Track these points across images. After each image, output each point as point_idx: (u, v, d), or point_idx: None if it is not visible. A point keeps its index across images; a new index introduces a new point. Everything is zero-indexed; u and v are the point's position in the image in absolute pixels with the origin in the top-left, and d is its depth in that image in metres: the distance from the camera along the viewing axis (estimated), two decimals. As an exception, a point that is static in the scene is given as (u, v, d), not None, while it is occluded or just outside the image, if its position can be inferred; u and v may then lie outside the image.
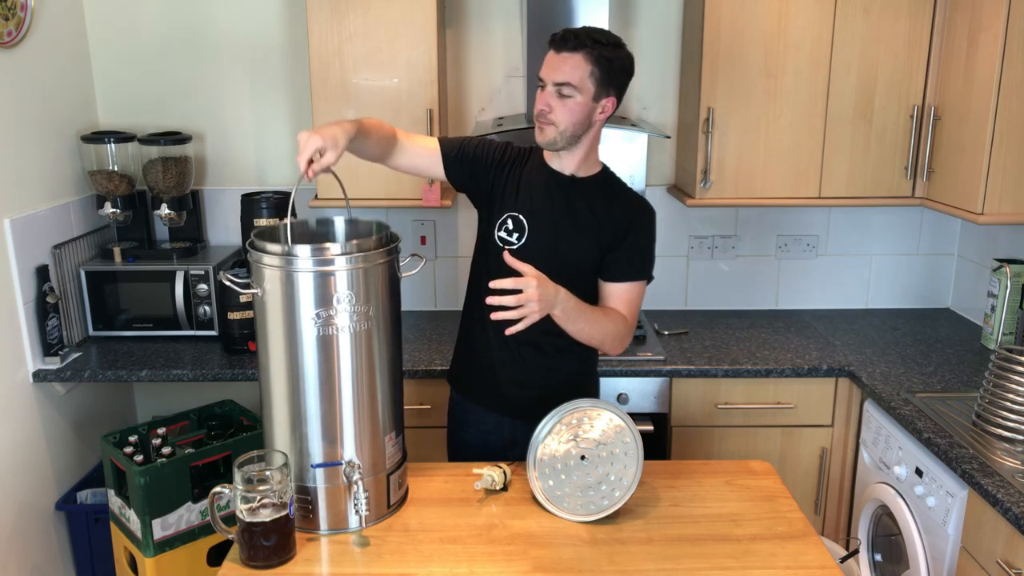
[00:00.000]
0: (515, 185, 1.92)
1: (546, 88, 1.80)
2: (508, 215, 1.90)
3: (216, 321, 2.70)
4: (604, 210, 1.89)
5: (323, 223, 1.80)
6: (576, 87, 1.77)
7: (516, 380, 1.97)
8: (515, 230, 1.89)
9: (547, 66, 1.80)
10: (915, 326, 2.91)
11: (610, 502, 1.65)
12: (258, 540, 1.50)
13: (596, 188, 1.92)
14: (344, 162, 2.62)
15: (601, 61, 1.77)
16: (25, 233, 2.40)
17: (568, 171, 1.90)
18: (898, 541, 2.21)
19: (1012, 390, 2.00)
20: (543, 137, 1.83)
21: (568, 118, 1.79)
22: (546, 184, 1.90)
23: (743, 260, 3.07)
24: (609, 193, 1.92)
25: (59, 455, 2.56)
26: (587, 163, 1.91)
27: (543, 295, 1.67)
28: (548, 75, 1.79)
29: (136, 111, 2.88)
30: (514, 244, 1.89)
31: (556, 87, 1.78)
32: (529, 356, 1.95)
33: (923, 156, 2.63)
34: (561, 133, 1.81)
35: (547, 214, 1.88)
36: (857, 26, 2.55)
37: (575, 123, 1.80)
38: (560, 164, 1.91)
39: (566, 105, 1.78)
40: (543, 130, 1.82)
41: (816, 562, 1.53)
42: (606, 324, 1.84)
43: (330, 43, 2.53)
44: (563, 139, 1.82)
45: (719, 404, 2.55)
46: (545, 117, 1.80)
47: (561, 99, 1.78)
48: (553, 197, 1.89)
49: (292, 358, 1.57)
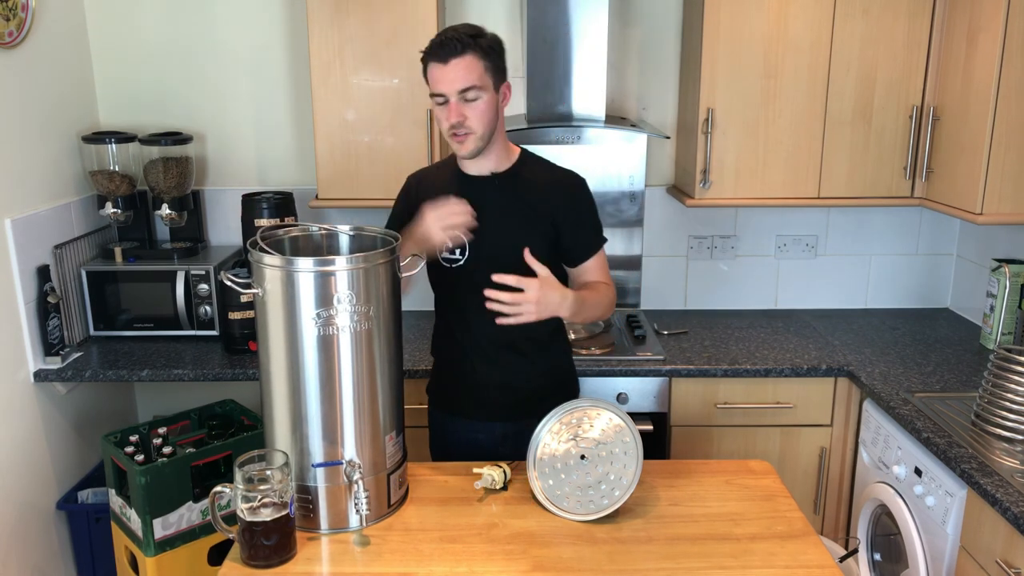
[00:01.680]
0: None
1: (450, 101, 1.76)
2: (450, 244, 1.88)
3: (217, 321, 2.70)
4: (535, 195, 1.89)
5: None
6: (480, 87, 1.76)
7: (499, 384, 1.98)
8: (455, 247, 1.89)
9: (440, 80, 1.76)
10: (914, 326, 2.92)
11: (610, 501, 1.66)
12: (259, 539, 1.50)
13: (520, 176, 1.91)
14: (344, 161, 2.64)
15: (488, 53, 1.78)
16: (26, 233, 2.40)
17: (488, 170, 1.90)
18: (897, 540, 2.21)
19: (1011, 390, 2.00)
20: (465, 149, 1.81)
21: (483, 119, 1.79)
22: (469, 193, 1.87)
23: (742, 260, 3.07)
24: (534, 177, 1.92)
25: (60, 455, 2.56)
26: (504, 154, 1.91)
27: (543, 299, 1.68)
28: (448, 87, 1.75)
29: (137, 111, 2.89)
30: (459, 260, 1.90)
31: (461, 94, 1.75)
32: (508, 358, 1.96)
33: (922, 156, 2.63)
34: (481, 137, 1.80)
35: (484, 223, 1.86)
36: (856, 27, 2.56)
37: (489, 121, 1.80)
38: (479, 167, 1.90)
39: (477, 108, 1.77)
40: (463, 142, 1.80)
41: (815, 561, 1.53)
42: (601, 300, 1.89)
43: (331, 43, 2.53)
44: (483, 142, 1.82)
45: (718, 404, 2.56)
46: (462, 128, 1.78)
47: (470, 104, 1.77)
48: (481, 203, 1.86)
49: (293, 358, 1.57)
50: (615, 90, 2.90)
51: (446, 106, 1.78)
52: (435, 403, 2.12)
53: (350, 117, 2.59)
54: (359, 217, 2.88)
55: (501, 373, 1.97)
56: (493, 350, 1.96)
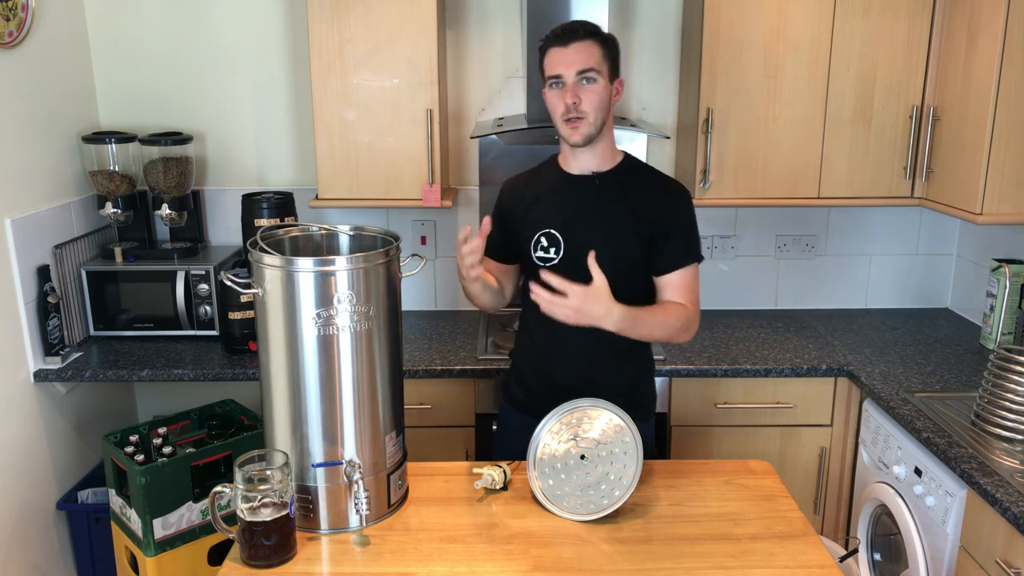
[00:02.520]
0: (536, 203, 1.91)
1: (567, 83, 1.77)
2: (540, 233, 1.88)
3: (217, 321, 2.70)
4: (636, 200, 1.86)
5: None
6: (597, 71, 1.77)
7: (578, 389, 1.89)
8: (551, 245, 1.88)
9: (559, 63, 1.78)
10: (914, 326, 2.92)
11: (610, 501, 1.66)
12: (259, 539, 1.51)
13: (623, 178, 1.89)
14: (344, 160, 2.64)
15: (607, 43, 1.80)
16: (26, 233, 2.41)
17: (591, 169, 1.88)
18: (897, 540, 2.21)
19: (1011, 390, 2.01)
20: (578, 135, 1.80)
21: (596, 105, 1.78)
22: (570, 191, 1.89)
23: (742, 260, 3.07)
24: (637, 181, 1.90)
25: (60, 455, 2.56)
26: (609, 154, 1.89)
27: (583, 308, 1.65)
28: (566, 68, 1.77)
29: (137, 111, 2.89)
30: (553, 259, 1.87)
31: (580, 75, 1.76)
32: (590, 365, 1.93)
33: (922, 156, 2.63)
34: (593, 123, 1.80)
35: (579, 221, 1.86)
36: (856, 26, 2.56)
37: (602, 109, 1.80)
38: (580, 165, 1.89)
39: (592, 91, 1.77)
40: (576, 127, 1.80)
41: (815, 561, 1.54)
42: (668, 320, 1.81)
43: (330, 43, 2.53)
44: (595, 129, 1.81)
45: (718, 404, 2.56)
46: (576, 111, 1.78)
47: (585, 88, 1.77)
48: (580, 202, 1.87)
49: (293, 358, 1.57)
50: (615, 90, 2.90)
51: (562, 89, 1.78)
52: (510, 402, 2.08)
53: (350, 117, 2.59)
54: (359, 217, 2.88)
55: (582, 379, 1.93)
56: (577, 355, 1.92)
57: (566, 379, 1.94)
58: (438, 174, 2.63)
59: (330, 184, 2.65)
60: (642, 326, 1.76)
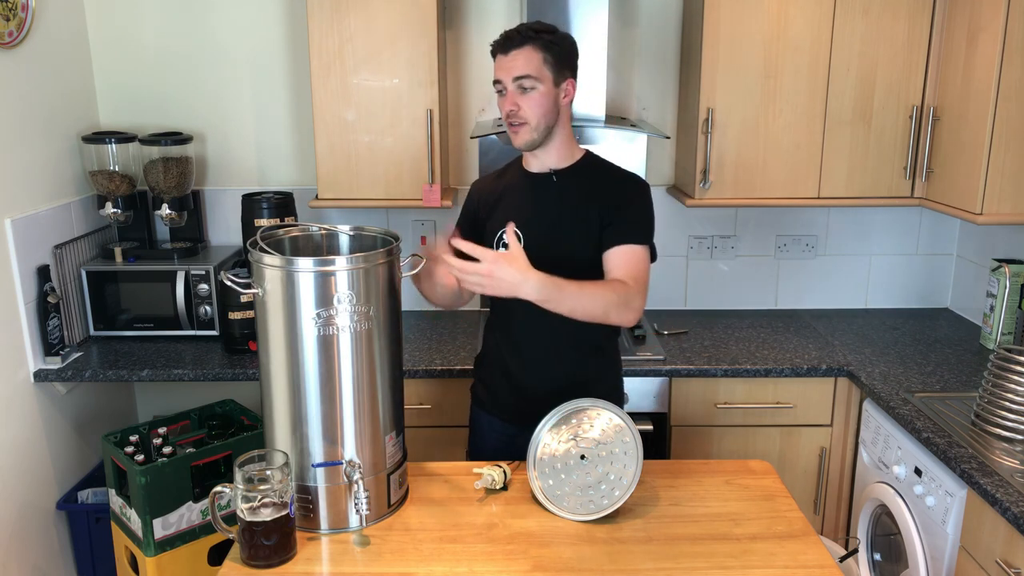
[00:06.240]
0: (500, 202, 1.95)
1: (507, 90, 1.82)
2: (503, 231, 1.89)
3: (217, 321, 2.70)
4: (593, 194, 1.88)
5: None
6: (535, 77, 1.79)
7: (538, 387, 1.94)
8: (508, 243, 1.89)
9: (500, 69, 1.82)
10: (914, 326, 2.92)
11: (610, 501, 1.66)
12: (259, 539, 1.50)
13: (580, 174, 1.91)
14: (345, 160, 2.64)
15: (550, 47, 1.80)
16: (26, 233, 2.41)
17: (549, 166, 1.91)
18: (897, 540, 2.21)
19: (1011, 390, 2.01)
20: (520, 139, 1.84)
21: (537, 110, 1.81)
22: (529, 189, 1.92)
23: (742, 260, 3.07)
24: (596, 175, 1.92)
25: (60, 455, 2.56)
26: (567, 152, 1.91)
27: (497, 274, 1.59)
28: (505, 75, 1.81)
29: (137, 111, 2.89)
30: None
31: (516, 82, 1.80)
32: (551, 361, 1.94)
33: (922, 156, 2.63)
34: (535, 128, 1.82)
35: (539, 219, 1.89)
36: (856, 27, 2.56)
37: (544, 114, 1.82)
38: (540, 163, 1.92)
39: (532, 98, 1.80)
40: (517, 132, 1.84)
41: (815, 561, 1.53)
42: (602, 292, 1.71)
43: (330, 43, 2.53)
44: (538, 134, 1.83)
45: (718, 404, 2.56)
46: (515, 117, 1.82)
47: (524, 94, 1.80)
48: (539, 200, 1.89)
49: (293, 358, 1.57)
50: (615, 90, 2.90)
51: (504, 96, 1.83)
52: (476, 402, 2.11)
53: (350, 117, 2.59)
54: (359, 217, 2.88)
55: (541, 377, 1.94)
56: (538, 351, 1.93)
57: (527, 379, 1.97)
58: (438, 174, 2.63)
59: (330, 184, 2.65)
60: (569, 297, 1.66)
